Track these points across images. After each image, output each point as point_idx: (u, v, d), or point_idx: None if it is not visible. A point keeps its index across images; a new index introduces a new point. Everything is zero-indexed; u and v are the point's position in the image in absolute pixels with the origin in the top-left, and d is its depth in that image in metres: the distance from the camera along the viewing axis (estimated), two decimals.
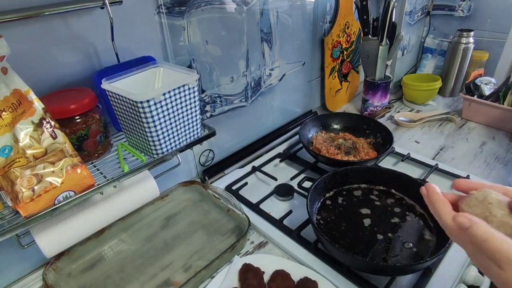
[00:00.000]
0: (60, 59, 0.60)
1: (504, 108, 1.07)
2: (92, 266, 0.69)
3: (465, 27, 1.35)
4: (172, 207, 0.83)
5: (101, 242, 0.73)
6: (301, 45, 1.07)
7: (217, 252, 0.68)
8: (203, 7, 0.76)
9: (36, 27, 0.56)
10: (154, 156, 0.61)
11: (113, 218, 0.65)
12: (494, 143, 1.04)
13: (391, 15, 1.06)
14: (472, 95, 1.16)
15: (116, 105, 0.60)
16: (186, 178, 0.90)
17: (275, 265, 0.66)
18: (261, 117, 1.05)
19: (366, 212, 0.73)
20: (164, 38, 0.72)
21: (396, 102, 1.34)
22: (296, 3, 0.98)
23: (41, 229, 0.56)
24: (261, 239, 0.76)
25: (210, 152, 0.94)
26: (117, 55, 0.64)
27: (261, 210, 0.80)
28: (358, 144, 0.98)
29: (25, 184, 0.47)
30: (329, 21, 1.13)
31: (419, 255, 0.63)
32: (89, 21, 0.61)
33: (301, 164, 0.97)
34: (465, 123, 1.16)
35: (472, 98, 1.13)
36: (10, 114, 0.48)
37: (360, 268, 0.63)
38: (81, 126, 0.57)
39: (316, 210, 0.75)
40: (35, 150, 0.48)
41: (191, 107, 0.62)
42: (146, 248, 0.72)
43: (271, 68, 0.99)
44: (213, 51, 0.82)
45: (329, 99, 1.25)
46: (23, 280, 0.68)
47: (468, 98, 1.14)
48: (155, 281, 0.65)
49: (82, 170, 0.51)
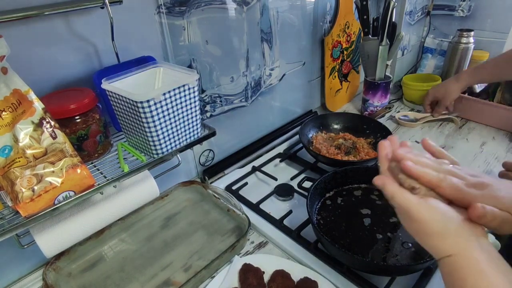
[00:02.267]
0: (60, 59, 0.60)
1: (494, 105, 1.09)
2: (92, 266, 0.69)
3: (465, 27, 1.35)
4: (172, 207, 0.83)
5: (101, 242, 0.73)
6: (301, 45, 1.07)
7: (217, 252, 0.68)
8: (203, 7, 0.76)
9: (36, 27, 0.56)
10: (154, 156, 0.61)
11: (113, 218, 0.65)
12: (494, 143, 1.04)
13: (391, 15, 1.06)
14: (463, 92, 1.16)
15: (116, 105, 0.60)
16: (186, 178, 0.90)
17: (275, 265, 0.66)
18: (261, 117, 1.05)
19: (366, 212, 0.73)
20: (164, 38, 0.72)
21: (396, 102, 1.34)
22: (296, 3, 0.98)
23: (41, 229, 0.56)
24: (261, 239, 0.76)
25: (210, 152, 0.94)
26: (117, 55, 0.64)
27: (261, 210, 0.80)
28: (358, 144, 0.98)
29: (25, 184, 0.47)
30: (329, 21, 1.13)
31: (419, 255, 0.63)
32: (89, 21, 0.61)
33: (301, 164, 0.97)
34: (465, 123, 1.16)
35: (464, 95, 1.14)
36: (10, 114, 0.48)
37: (360, 268, 0.63)
38: (81, 126, 0.57)
39: (316, 210, 0.75)
40: (35, 150, 0.48)
41: (191, 107, 0.62)
42: (146, 248, 0.72)
43: (271, 68, 0.99)
44: (213, 51, 0.82)
45: (329, 99, 1.25)
46: (23, 280, 0.68)
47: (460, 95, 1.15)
48: (155, 281, 0.65)
49: (82, 170, 0.51)
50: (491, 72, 1.00)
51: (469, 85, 1.06)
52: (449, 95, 1.07)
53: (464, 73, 1.05)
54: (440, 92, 1.09)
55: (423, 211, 0.39)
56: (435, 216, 0.39)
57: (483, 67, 1.02)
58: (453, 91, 1.06)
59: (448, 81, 1.08)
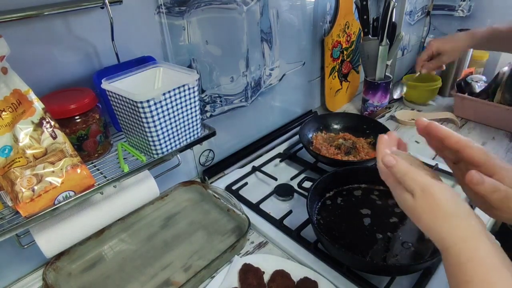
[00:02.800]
0: (60, 59, 0.60)
1: (494, 105, 1.08)
2: (92, 266, 0.69)
3: (465, 27, 1.34)
4: (172, 207, 0.83)
5: (101, 242, 0.73)
6: (301, 45, 1.07)
7: (217, 252, 0.68)
8: (203, 7, 0.76)
9: (36, 27, 0.56)
10: (154, 156, 0.61)
11: (113, 218, 0.65)
12: (494, 143, 1.04)
13: (391, 15, 1.06)
14: (463, 92, 1.16)
15: (116, 105, 0.60)
16: (186, 178, 0.90)
17: (275, 265, 0.66)
18: (261, 117, 1.05)
19: (366, 212, 0.73)
20: (164, 38, 0.72)
21: (396, 102, 1.34)
22: (296, 3, 0.98)
23: (41, 229, 0.56)
24: (261, 239, 0.76)
25: (210, 152, 0.94)
26: (117, 55, 0.64)
27: (261, 210, 0.80)
28: (358, 144, 0.98)
29: (25, 184, 0.47)
30: (329, 21, 1.13)
31: (419, 255, 0.63)
32: (89, 21, 0.61)
33: (301, 164, 0.97)
34: (465, 123, 1.16)
35: (464, 95, 1.14)
36: (10, 114, 0.48)
37: (360, 268, 0.63)
38: (81, 126, 0.57)
39: (316, 210, 0.75)
40: (35, 150, 0.48)
41: (191, 107, 0.62)
42: (146, 248, 0.72)
43: (271, 68, 0.99)
44: (213, 51, 0.82)
45: (329, 99, 1.25)
46: (23, 280, 0.68)
47: (460, 95, 1.15)
48: (155, 281, 0.65)
49: (82, 170, 0.51)
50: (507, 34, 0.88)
51: (480, 46, 0.94)
52: (457, 50, 0.94)
53: (480, 31, 0.91)
54: (447, 45, 0.95)
55: (436, 189, 0.39)
56: (447, 195, 0.38)
57: (500, 32, 0.89)
58: (462, 46, 0.94)
59: (458, 35, 0.95)
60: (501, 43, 0.93)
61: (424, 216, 0.40)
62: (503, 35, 0.91)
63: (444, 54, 0.95)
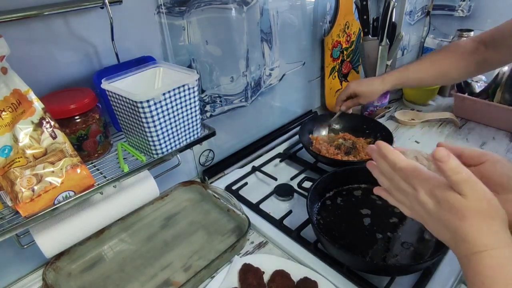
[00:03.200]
0: (60, 59, 0.60)
1: (494, 105, 1.08)
2: (92, 266, 0.69)
3: (465, 27, 1.34)
4: (172, 207, 0.83)
5: (101, 242, 0.73)
6: (301, 45, 1.07)
7: (217, 252, 0.68)
8: (203, 7, 0.76)
9: (36, 27, 0.56)
10: (154, 156, 0.61)
11: (113, 218, 0.65)
12: (494, 143, 1.04)
13: (391, 15, 1.06)
14: (463, 92, 1.16)
15: (116, 105, 0.60)
16: (186, 178, 0.90)
17: (275, 265, 0.66)
18: (261, 117, 1.05)
19: (366, 212, 0.73)
20: (164, 38, 0.72)
21: (396, 102, 1.34)
22: (296, 3, 0.98)
23: (41, 229, 0.56)
24: (261, 239, 0.76)
25: (210, 152, 0.94)
26: (117, 55, 0.64)
27: (261, 210, 0.80)
28: (358, 144, 0.98)
29: (25, 184, 0.47)
30: (329, 21, 1.12)
31: (419, 255, 0.63)
32: (89, 21, 0.61)
33: (301, 164, 0.97)
34: (465, 123, 1.16)
35: (464, 95, 1.14)
36: (10, 114, 0.48)
37: (360, 268, 0.63)
38: (81, 126, 0.57)
39: (316, 210, 0.75)
40: (35, 150, 0.48)
41: (191, 107, 0.62)
42: (146, 248, 0.72)
43: (271, 68, 0.99)
44: (213, 51, 0.82)
45: (329, 99, 1.24)
46: (23, 280, 0.68)
47: (459, 95, 1.15)
48: (155, 281, 0.65)
49: (82, 170, 0.51)
50: (413, 77, 0.93)
51: (394, 88, 0.97)
52: (371, 94, 0.96)
53: (390, 75, 0.95)
54: (362, 89, 0.96)
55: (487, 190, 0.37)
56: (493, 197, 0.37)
57: (407, 70, 0.94)
58: (376, 92, 0.95)
59: (373, 79, 0.97)
60: (411, 86, 1.03)
61: (472, 216, 0.37)
62: (410, 82, 0.96)
63: (360, 96, 0.97)
